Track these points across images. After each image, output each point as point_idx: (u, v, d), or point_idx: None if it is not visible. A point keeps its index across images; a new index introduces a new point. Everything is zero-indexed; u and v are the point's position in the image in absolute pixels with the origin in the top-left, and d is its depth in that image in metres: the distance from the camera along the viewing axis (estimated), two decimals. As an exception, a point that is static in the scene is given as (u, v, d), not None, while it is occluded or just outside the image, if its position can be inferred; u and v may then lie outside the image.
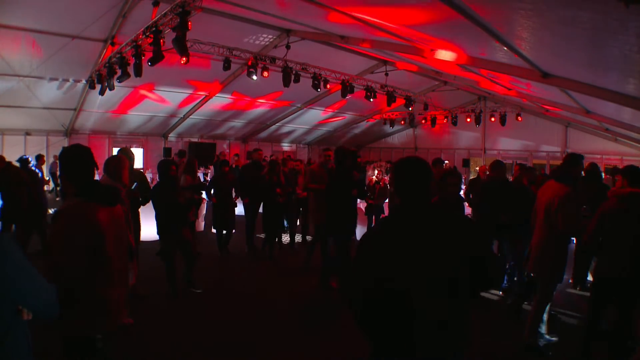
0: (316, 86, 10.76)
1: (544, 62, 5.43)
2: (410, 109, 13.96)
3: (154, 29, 6.62)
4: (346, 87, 11.49)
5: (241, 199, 6.87)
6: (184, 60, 7.51)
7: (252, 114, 16.19)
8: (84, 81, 10.92)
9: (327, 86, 11.15)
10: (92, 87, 10.03)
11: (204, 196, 6.88)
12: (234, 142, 19.24)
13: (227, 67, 9.51)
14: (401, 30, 6.37)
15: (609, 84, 5.36)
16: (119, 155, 4.35)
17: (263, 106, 15.46)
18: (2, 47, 8.71)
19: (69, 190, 2.11)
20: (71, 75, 10.72)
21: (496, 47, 5.27)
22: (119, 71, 8.32)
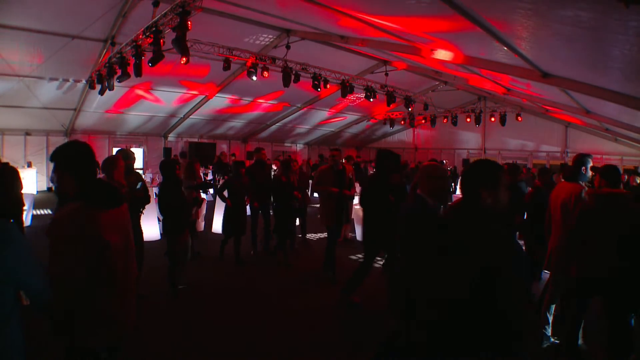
0: (316, 86, 10.76)
1: (544, 62, 5.44)
2: (410, 109, 13.97)
3: (154, 29, 6.62)
4: (346, 87, 11.49)
5: (252, 201, 6.48)
6: (184, 60, 7.51)
7: (252, 114, 16.20)
8: (84, 81, 10.92)
9: (328, 86, 11.15)
10: (92, 87, 10.03)
11: (203, 196, 6.87)
12: (234, 142, 19.26)
13: (227, 67, 9.52)
14: (401, 31, 6.38)
15: (609, 84, 5.37)
16: (116, 154, 4.36)
17: (263, 106, 15.46)
18: (2, 47, 8.72)
19: (70, 190, 1.95)
20: (71, 75, 10.72)
21: (496, 47, 5.27)
22: (119, 71, 8.32)
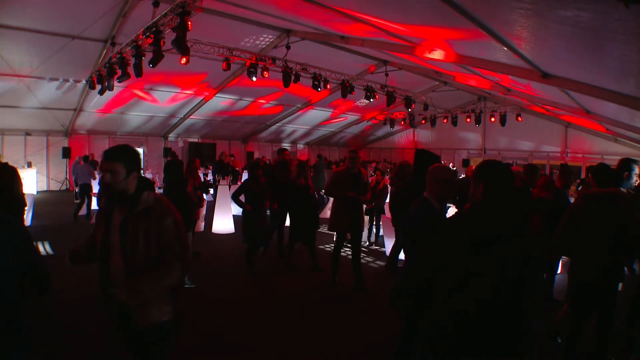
0: (316, 86, 10.76)
1: (544, 62, 5.43)
2: (409, 109, 13.98)
3: (154, 29, 6.62)
4: (346, 88, 11.50)
5: (272, 204, 6.21)
6: (184, 60, 7.51)
7: (252, 114, 16.20)
8: (84, 81, 10.93)
9: (328, 86, 11.16)
10: (92, 87, 10.03)
11: (204, 196, 6.86)
12: (234, 142, 19.26)
13: (227, 67, 9.52)
14: (402, 31, 6.38)
15: (609, 84, 5.36)
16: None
17: (263, 106, 15.47)
18: (2, 47, 8.72)
19: (131, 187, 2.10)
20: (71, 76, 10.73)
21: (496, 47, 5.27)
22: (119, 71, 8.32)
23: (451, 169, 2.96)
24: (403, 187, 5.61)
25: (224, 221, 8.52)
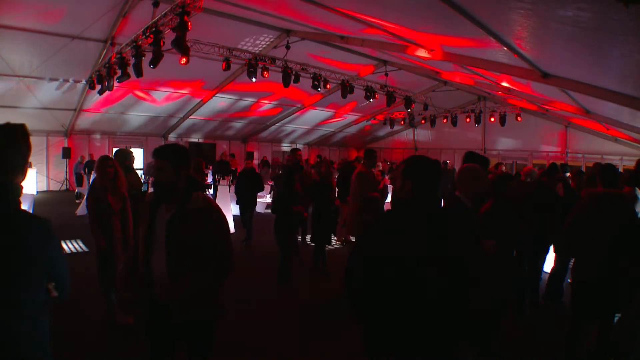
0: (316, 86, 10.76)
1: (544, 62, 5.43)
2: (409, 109, 13.97)
3: (154, 29, 6.62)
4: (346, 88, 11.49)
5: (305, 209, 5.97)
6: (184, 60, 7.51)
7: (252, 114, 16.20)
8: (83, 81, 10.93)
9: (328, 86, 11.15)
10: (92, 87, 10.03)
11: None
12: (234, 142, 19.26)
13: (227, 67, 9.51)
14: (402, 31, 6.38)
15: (609, 84, 5.36)
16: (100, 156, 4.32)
17: (263, 106, 15.46)
18: (2, 47, 8.72)
19: (182, 184, 2.10)
20: (71, 76, 10.72)
21: (496, 47, 5.27)
22: (118, 71, 8.32)
23: (481, 169, 3.00)
24: None
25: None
